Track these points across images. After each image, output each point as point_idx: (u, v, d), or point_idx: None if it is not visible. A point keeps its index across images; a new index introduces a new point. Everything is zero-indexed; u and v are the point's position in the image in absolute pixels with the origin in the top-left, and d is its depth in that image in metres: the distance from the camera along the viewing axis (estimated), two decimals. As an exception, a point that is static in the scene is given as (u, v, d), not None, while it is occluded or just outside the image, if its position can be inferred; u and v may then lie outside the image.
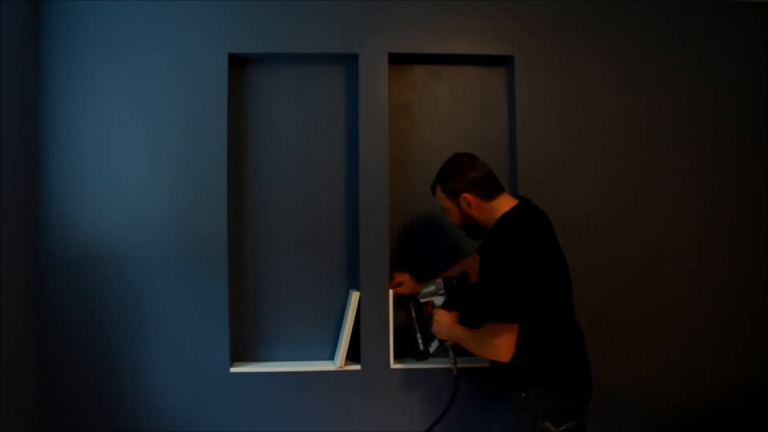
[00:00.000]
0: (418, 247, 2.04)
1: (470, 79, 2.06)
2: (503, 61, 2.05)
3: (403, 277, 1.93)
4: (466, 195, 1.60)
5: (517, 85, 1.99)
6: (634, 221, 2.03)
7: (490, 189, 1.61)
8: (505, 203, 1.60)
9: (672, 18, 2.05)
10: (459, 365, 1.78)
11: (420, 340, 1.86)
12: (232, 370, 1.90)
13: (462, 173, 1.62)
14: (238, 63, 1.98)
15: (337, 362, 1.90)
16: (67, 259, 1.89)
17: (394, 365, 1.92)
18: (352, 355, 1.95)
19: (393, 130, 2.00)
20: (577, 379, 1.55)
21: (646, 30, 2.04)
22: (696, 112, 2.06)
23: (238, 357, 1.99)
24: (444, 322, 1.69)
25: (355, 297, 1.91)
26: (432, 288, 1.78)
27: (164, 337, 1.90)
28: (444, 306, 1.74)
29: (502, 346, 1.47)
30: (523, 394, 1.52)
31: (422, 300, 1.82)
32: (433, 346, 1.82)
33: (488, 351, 1.52)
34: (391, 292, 1.91)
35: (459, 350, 1.75)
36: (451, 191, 1.64)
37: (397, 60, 2.00)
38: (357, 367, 1.92)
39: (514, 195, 1.65)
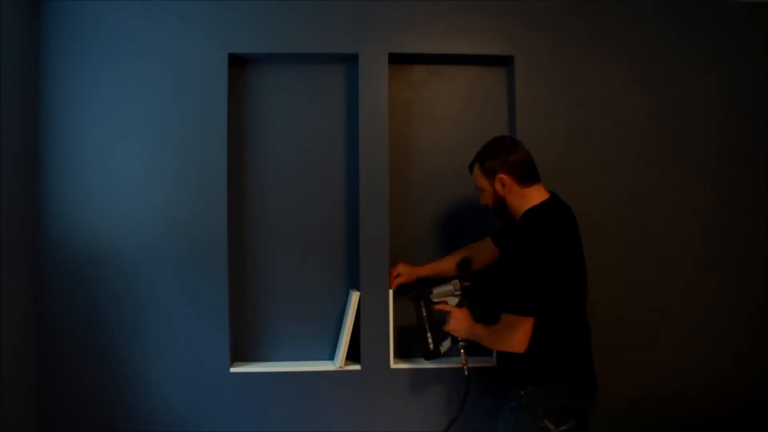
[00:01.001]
0: (418, 244, 2.04)
1: (470, 79, 2.06)
2: (503, 61, 2.05)
3: (398, 269, 1.93)
4: (502, 176, 1.60)
5: (517, 85, 1.99)
6: (634, 221, 2.03)
7: (526, 175, 1.60)
8: (537, 194, 1.59)
9: (672, 18, 2.05)
10: (470, 365, 1.77)
11: (430, 340, 1.84)
12: (232, 370, 1.90)
13: (502, 154, 1.61)
14: (238, 63, 1.98)
15: (337, 362, 1.90)
16: (67, 259, 1.89)
17: (394, 365, 1.92)
18: (352, 355, 1.95)
19: (393, 130, 2.00)
20: (577, 378, 1.55)
21: (646, 30, 2.04)
22: (696, 111, 2.06)
23: (238, 357, 1.99)
24: (464, 320, 1.70)
25: (355, 297, 1.91)
26: (448, 288, 1.77)
27: (164, 337, 1.90)
28: (458, 306, 1.75)
29: (516, 338, 1.49)
30: (522, 392, 1.54)
31: (435, 300, 1.80)
32: (445, 346, 1.82)
33: (504, 343, 1.54)
34: (391, 292, 1.91)
35: (468, 351, 1.77)
36: (488, 170, 1.63)
37: (397, 60, 2.00)
38: (357, 367, 1.92)
39: (547, 189, 1.64)
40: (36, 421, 1.87)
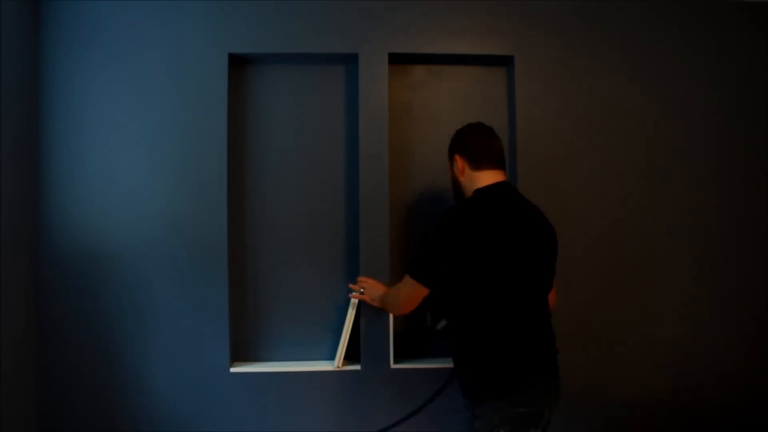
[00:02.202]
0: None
1: (470, 79, 2.06)
2: (503, 61, 2.05)
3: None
4: (457, 156, 1.57)
5: (517, 85, 1.99)
6: (634, 220, 2.03)
7: (479, 158, 1.53)
8: (487, 179, 1.51)
9: (672, 18, 2.05)
10: None
11: (429, 317, 1.85)
12: (232, 370, 1.90)
13: (465, 134, 1.59)
14: (238, 63, 1.98)
15: (335, 362, 1.90)
16: (67, 258, 1.89)
17: (394, 365, 1.92)
18: (353, 355, 1.95)
19: (393, 130, 2.00)
20: (533, 384, 1.44)
21: (647, 30, 2.04)
22: (697, 111, 2.06)
23: (238, 357, 1.99)
24: (377, 287, 1.82)
25: (355, 297, 1.91)
26: None
27: (164, 337, 1.90)
28: None
29: (400, 297, 1.60)
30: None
31: None
32: (440, 325, 1.81)
33: (393, 306, 1.67)
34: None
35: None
36: (450, 149, 1.63)
37: (397, 60, 2.00)
38: (357, 367, 1.92)
39: (506, 178, 1.56)
40: (36, 421, 1.87)
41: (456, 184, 1.61)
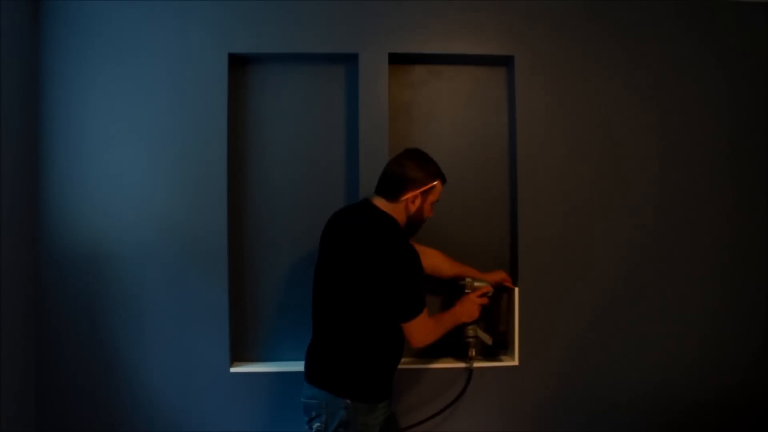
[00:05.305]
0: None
1: (470, 79, 2.06)
2: (503, 61, 2.04)
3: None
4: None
5: (517, 85, 1.98)
6: (634, 222, 2.02)
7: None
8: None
9: (674, 18, 2.04)
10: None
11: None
12: (232, 370, 1.90)
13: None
14: (238, 63, 1.98)
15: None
16: (67, 259, 1.89)
17: (394, 365, 1.92)
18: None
19: (393, 130, 2.00)
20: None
21: (647, 30, 2.03)
22: (698, 112, 2.05)
23: (238, 357, 1.99)
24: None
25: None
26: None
27: (164, 337, 1.90)
28: None
29: (428, 332, 1.62)
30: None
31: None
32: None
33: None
34: None
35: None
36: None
37: (397, 60, 2.00)
38: (357, 367, 1.92)
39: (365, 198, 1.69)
40: (36, 421, 1.87)
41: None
